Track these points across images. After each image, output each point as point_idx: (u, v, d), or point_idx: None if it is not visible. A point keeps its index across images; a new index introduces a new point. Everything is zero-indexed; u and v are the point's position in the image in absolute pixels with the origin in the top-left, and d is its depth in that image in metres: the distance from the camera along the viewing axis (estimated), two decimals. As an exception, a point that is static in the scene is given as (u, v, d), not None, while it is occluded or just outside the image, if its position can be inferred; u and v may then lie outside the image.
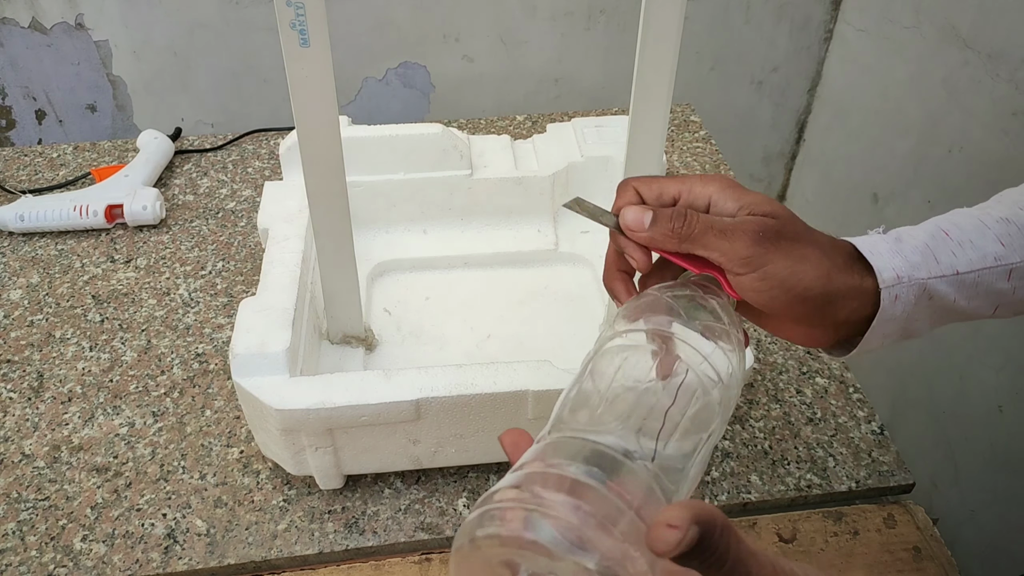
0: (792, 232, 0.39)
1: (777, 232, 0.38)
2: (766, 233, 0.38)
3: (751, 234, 0.38)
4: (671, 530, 0.27)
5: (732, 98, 1.21)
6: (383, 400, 0.52)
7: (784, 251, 0.38)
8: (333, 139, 0.53)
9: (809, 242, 0.39)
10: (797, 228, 0.39)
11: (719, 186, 0.40)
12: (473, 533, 0.29)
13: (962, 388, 0.99)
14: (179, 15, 1.01)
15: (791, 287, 0.38)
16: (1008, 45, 0.86)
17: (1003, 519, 0.98)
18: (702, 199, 0.40)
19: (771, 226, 0.38)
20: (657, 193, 0.41)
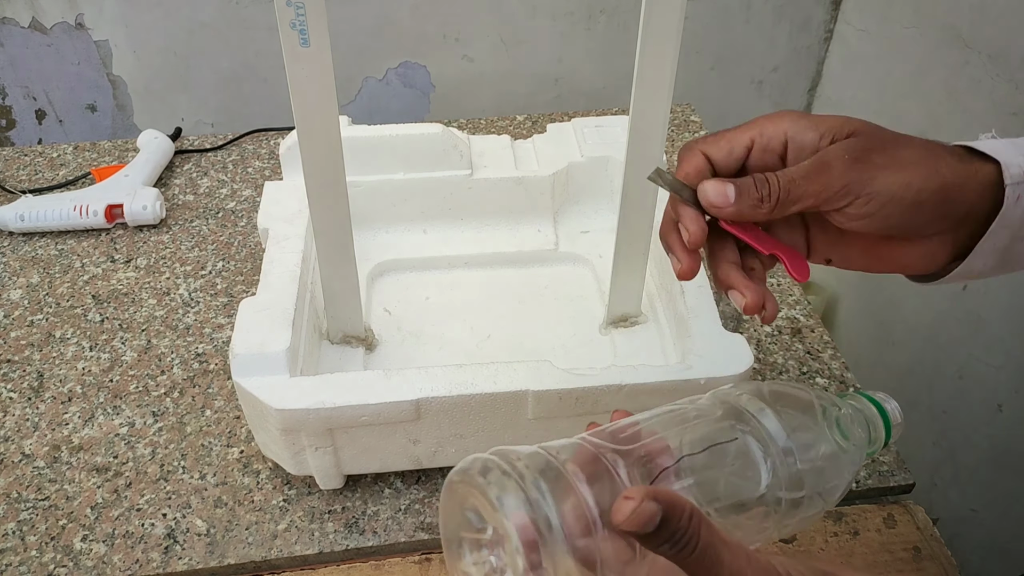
0: (881, 142, 0.36)
1: (865, 149, 0.36)
2: (854, 154, 0.36)
3: (840, 161, 0.36)
4: (627, 500, 0.28)
5: (732, 98, 1.21)
6: (383, 400, 0.52)
7: (881, 165, 0.36)
8: (333, 139, 0.53)
9: (905, 144, 0.37)
10: (885, 137, 0.37)
11: (791, 120, 0.38)
12: (456, 471, 0.32)
13: (962, 388, 0.99)
14: (179, 15, 1.01)
15: (902, 197, 0.36)
16: (1008, 45, 0.86)
17: (1003, 519, 0.98)
18: (777, 140, 0.38)
19: (857, 145, 0.36)
20: (727, 150, 0.39)
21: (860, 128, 0.37)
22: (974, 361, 0.97)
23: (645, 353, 0.66)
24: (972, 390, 0.98)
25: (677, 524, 0.29)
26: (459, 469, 0.32)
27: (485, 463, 0.32)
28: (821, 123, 0.37)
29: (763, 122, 0.38)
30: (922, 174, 0.36)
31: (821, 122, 0.37)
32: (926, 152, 0.36)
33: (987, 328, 0.94)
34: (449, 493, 0.33)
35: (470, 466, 0.32)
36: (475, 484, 0.31)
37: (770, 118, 0.38)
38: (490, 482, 0.31)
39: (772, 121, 0.38)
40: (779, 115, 0.38)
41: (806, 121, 0.37)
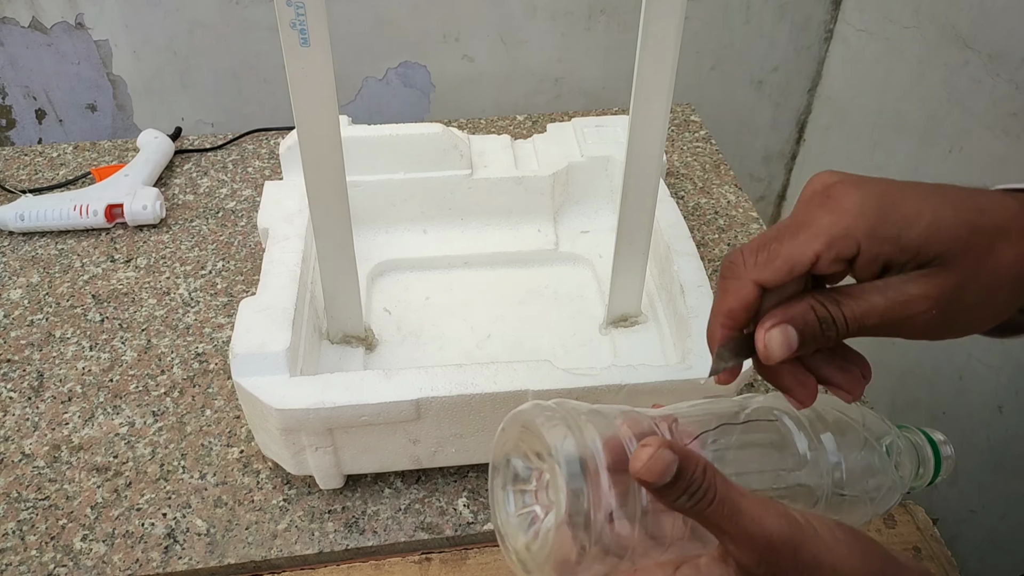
0: (974, 272, 0.31)
1: (957, 288, 0.31)
2: (942, 297, 0.31)
3: (923, 304, 0.31)
4: (643, 448, 0.29)
5: (732, 98, 1.21)
6: (383, 400, 0.52)
7: (972, 304, 0.32)
8: (333, 139, 0.53)
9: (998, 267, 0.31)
10: (978, 263, 0.31)
11: (866, 228, 0.31)
12: (518, 412, 0.34)
13: (962, 388, 0.99)
14: (179, 15, 1.01)
15: (988, 324, 0.33)
16: (1008, 45, 0.86)
17: (1003, 519, 0.98)
18: (848, 251, 0.31)
19: (947, 284, 0.31)
20: (786, 272, 0.32)
21: (950, 252, 0.31)
22: (974, 362, 0.97)
23: (645, 353, 0.66)
24: (972, 391, 0.98)
25: (692, 475, 0.29)
26: (521, 411, 0.34)
27: (548, 408, 0.33)
28: (904, 233, 0.31)
29: (830, 227, 0.31)
30: (1010, 305, 0.32)
31: (904, 231, 0.31)
32: (1021, 271, 0.31)
33: (987, 328, 0.93)
34: (504, 437, 0.35)
35: (532, 409, 0.33)
36: (535, 425, 0.32)
37: (839, 220, 0.31)
38: (551, 425, 0.32)
39: (842, 226, 0.31)
40: (850, 216, 0.31)
41: (885, 229, 0.31)
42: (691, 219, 0.86)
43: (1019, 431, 0.93)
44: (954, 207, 0.31)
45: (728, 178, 0.93)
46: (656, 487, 0.29)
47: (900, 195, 0.31)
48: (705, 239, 0.83)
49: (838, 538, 0.30)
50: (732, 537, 0.30)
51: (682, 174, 0.93)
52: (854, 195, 0.32)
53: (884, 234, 0.31)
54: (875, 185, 0.32)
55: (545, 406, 0.34)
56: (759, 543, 0.29)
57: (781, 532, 0.29)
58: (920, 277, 0.31)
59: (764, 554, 0.29)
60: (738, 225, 0.85)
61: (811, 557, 0.29)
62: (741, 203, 0.88)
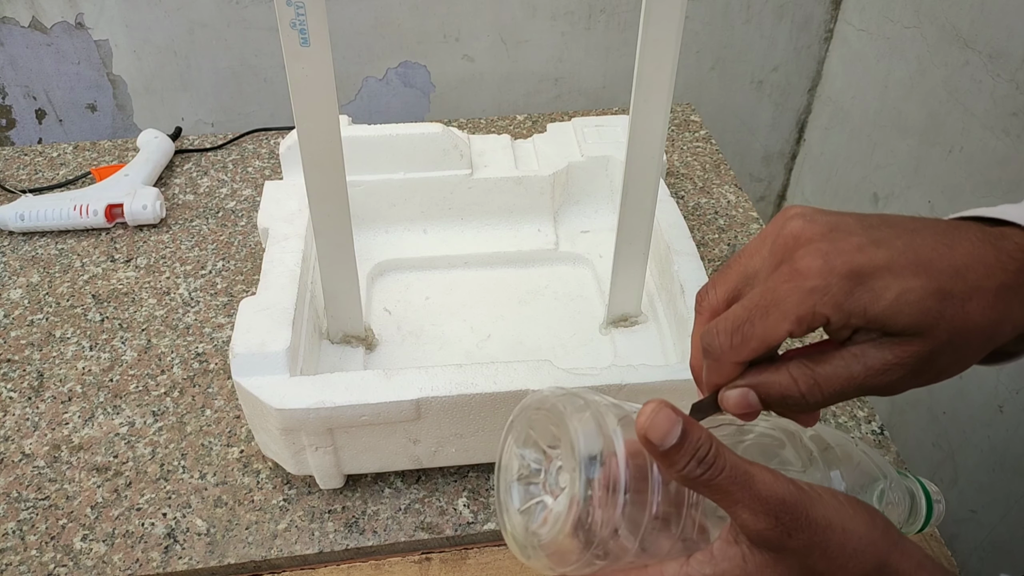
0: (950, 344, 0.31)
1: (932, 355, 0.31)
2: (917, 368, 0.31)
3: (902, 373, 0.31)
4: (648, 405, 0.30)
5: (732, 98, 1.21)
6: (383, 400, 0.52)
7: (947, 365, 0.31)
8: (333, 139, 0.53)
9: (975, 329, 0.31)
10: (955, 334, 0.31)
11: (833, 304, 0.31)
12: (540, 397, 0.34)
13: (962, 388, 0.99)
14: (179, 14, 1.01)
15: (949, 374, 0.32)
16: (1008, 45, 0.86)
17: (1003, 520, 0.98)
18: (818, 322, 0.31)
19: (921, 353, 0.31)
20: (763, 348, 0.32)
21: (920, 324, 0.30)
22: (974, 361, 0.97)
23: (645, 353, 0.66)
24: (972, 391, 0.98)
25: (698, 440, 0.29)
26: (546, 395, 0.34)
27: (569, 392, 0.34)
28: (870, 308, 0.30)
29: (798, 306, 0.31)
30: (982, 355, 0.32)
31: (870, 306, 0.30)
32: (997, 315, 0.31)
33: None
34: (520, 424, 0.35)
35: (558, 394, 0.34)
36: (558, 410, 0.33)
37: (807, 299, 0.31)
38: (574, 410, 0.33)
39: (810, 305, 0.31)
40: (817, 294, 0.31)
41: (850, 305, 0.31)
42: (691, 219, 0.86)
43: (1019, 431, 0.93)
44: (925, 273, 0.30)
45: (728, 178, 0.93)
46: (662, 450, 0.29)
47: (870, 263, 0.31)
48: (705, 239, 0.83)
49: (843, 502, 0.31)
50: (745, 504, 0.30)
51: (682, 174, 0.93)
52: (820, 268, 0.31)
53: (851, 309, 0.30)
54: (844, 251, 0.31)
55: (573, 393, 0.34)
56: (772, 504, 0.29)
57: (792, 494, 0.30)
58: (893, 345, 0.31)
59: (779, 515, 0.29)
60: (738, 225, 0.85)
61: (822, 516, 0.30)
62: (741, 203, 0.88)
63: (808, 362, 0.32)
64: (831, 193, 1.22)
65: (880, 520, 0.32)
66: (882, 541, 0.31)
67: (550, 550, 0.32)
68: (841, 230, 0.32)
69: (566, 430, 0.32)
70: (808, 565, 0.30)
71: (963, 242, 0.32)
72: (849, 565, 0.30)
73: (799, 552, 0.30)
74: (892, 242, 0.31)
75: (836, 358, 0.32)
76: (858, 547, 0.30)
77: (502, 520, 0.35)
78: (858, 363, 0.31)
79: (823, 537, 0.30)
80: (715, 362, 0.34)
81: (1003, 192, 0.89)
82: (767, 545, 0.30)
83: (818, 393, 0.32)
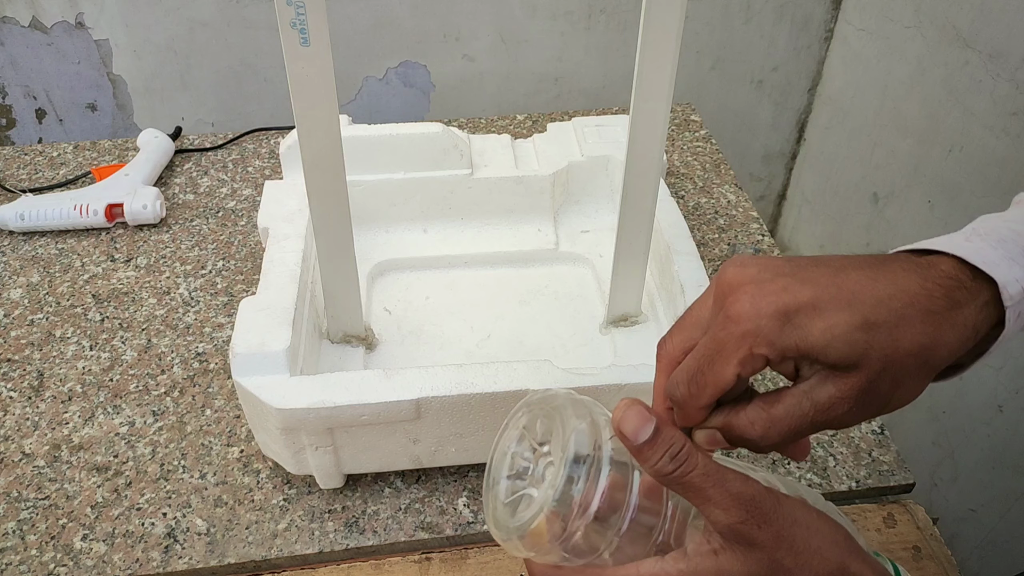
0: (887, 376, 0.32)
1: (871, 385, 0.32)
2: (860, 400, 0.32)
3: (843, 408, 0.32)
4: (623, 401, 0.32)
5: (732, 97, 1.21)
6: (383, 399, 0.52)
7: (886, 393, 0.32)
8: (333, 138, 0.53)
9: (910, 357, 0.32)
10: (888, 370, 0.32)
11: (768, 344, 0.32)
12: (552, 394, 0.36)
13: (962, 388, 0.99)
14: (179, 14, 1.01)
15: (899, 403, 0.34)
16: (1008, 45, 0.86)
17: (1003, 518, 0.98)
18: (759, 363, 0.33)
19: (859, 385, 0.32)
20: (718, 393, 0.34)
21: (851, 355, 0.32)
22: (974, 361, 0.97)
23: (645, 353, 0.66)
24: (972, 390, 0.98)
25: (672, 437, 0.32)
26: (555, 393, 0.36)
27: (577, 398, 0.36)
28: (801, 343, 0.32)
29: (737, 349, 0.32)
30: (925, 381, 0.34)
31: (800, 341, 0.32)
32: (927, 339, 0.32)
33: (987, 328, 0.93)
34: (520, 417, 0.37)
35: (565, 396, 0.36)
36: (561, 409, 0.35)
37: (743, 342, 0.32)
38: (575, 413, 0.35)
39: (747, 347, 0.32)
40: (751, 337, 0.32)
41: (783, 341, 0.32)
42: (691, 219, 0.86)
43: (1019, 430, 0.93)
44: (849, 306, 0.32)
45: (728, 178, 0.93)
46: (636, 444, 0.32)
47: (795, 301, 0.32)
48: (705, 239, 0.83)
49: (808, 506, 0.33)
50: (717, 501, 0.31)
51: (682, 174, 0.93)
52: (750, 312, 0.32)
53: (783, 346, 0.32)
54: (771, 291, 0.33)
55: (580, 400, 0.36)
56: (744, 499, 0.31)
57: (761, 491, 0.32)
58: (834, 378, 0.32)
59: (749, 508, 0.31)
60: (738, 225, 0.85)
61: (789, 513, 0.32)
62: (741, 202, 0.88)
63: (764, 404, 0.34)
64: (831, 193, 1.22)
65: (842, 530, 0.33)
66: (844, 545, 0.33)
67: (525, 535, 0.33)
68: (769, 272, 0.33)
69: (563, 429, 0.34)
70: (776, 559, 0.31)
71: (887, 274, 0.33)
72: (813, 562, 0.32)
73: (768, 546, 0.31)
74: (817, 280, 0.33)
75: (788, 397, 0.33)
76: (822, 545, 0.32)
77: (487, 501, 0.37)
78: (807, 400, 0.33)
79: (790, 532, 0.32)
80: (681, 409, 0.36)
81: (1003, 191, 0.89)
82: (738, 539, 0.32)
83: (774, 433, 0.33)
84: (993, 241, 0.35)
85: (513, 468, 0.37)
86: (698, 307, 0.37)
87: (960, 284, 0.33)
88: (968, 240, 0.35)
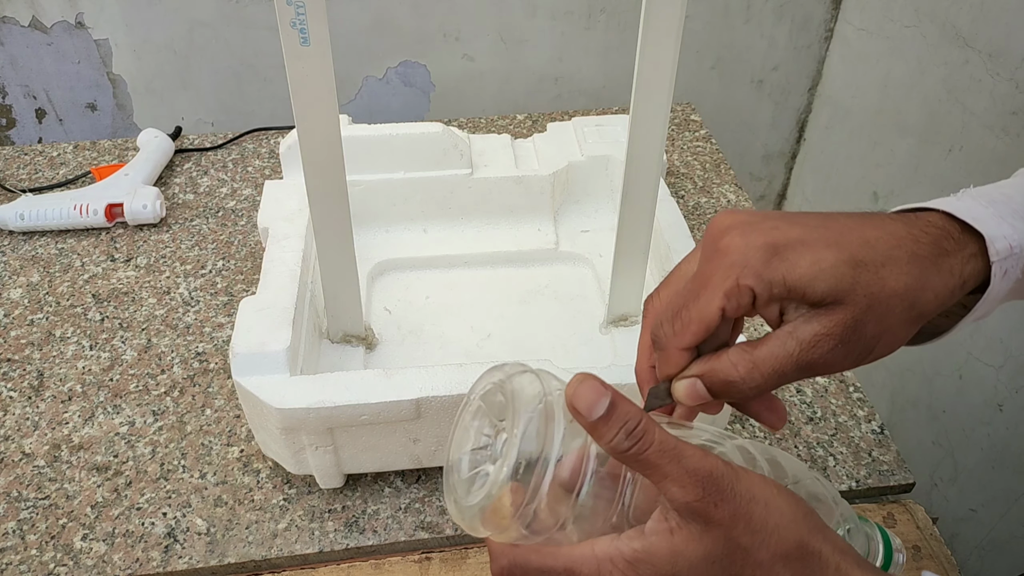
0: (873, 315, 0.32)
1: (857, 323, 0.32)
2: (845, 339, 0.32)
3: (828, 346, 0.32)
4: (577, 375, 0.31)
5: (732, 97, 1.21)
6: (383, 399, 0.52)
7: (873, 336, 0.33)
8: (333, 138, 0.53)
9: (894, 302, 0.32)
10: (873, 310, 0.32)
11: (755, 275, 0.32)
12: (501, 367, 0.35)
13: (962, 387, 0.99)
14: (179, 14, 1.01)
15: (885, 349, 0.34)
16: (1008, 44, 0.86)
17: (1003, 518, 0.98)
18: (744, 297, 0.33)
19: (848, 322, 0.32)
20: (704, 330, 0.34)
21: (837, 289, 0.32)
22: (974, 361, 0.97)
23: (645, 352, 0.66)
24: (972, 390, 0.98)
25: (627, 413, 0.31)
26: (507, 373, 0.35)
27: (532, 370, 0.35)
28: (788, 276, 0.32)
29: (724, 281, 0.33)
30: (912, 327, 0.34)
31: (788, 273, 0.32)
32: (913, 280, 0.32)
33: (987, 328, 0.94)
34: (476, 396, 0.36)
35: (515, 368, 0.35)
36: (513, 386, 0.34)
37: (730, 273, 0.33)
38: (531, 392, 0.34)
39: (733, 279, 0.33)
40: (738, 268, 0.33)
41: (770, 274, 0.32)
42: (691, 219, 0.86)
43: (1019, 429, 0.93)
44: (836, 244, 0.32)
45: (728, 177, 0.93)
46: (590, 421, 0.31)
47: (784, 237, 0.33)
48: (705, 238, 0.83)
49: (768, 483, 0.32)
50: (674, 478, 0.31)
51: (682, 173, 0.93)
52: (739, 245, 0.33)
53: (770, 278, 0.32)
54: (761, 229, 0.33)
55: (535, 371, 0.35)
56: (701, 476, 0.30)
57: (719, 467, 0.31)
58: (819, 315, 0.32)
59: (706, 486, 0.30)
60: (738, 224, 0.85)
61: (746, 490, 0.31)
62: (741, 202, 0.88)
63: (747, 346, 0.34)
64: (831, 192, 1.22)
65: (804, 506, 0.33)
66: (804, 522, 0.32)
67: (484, 514, 0.33)
68: (759, 216, 0.34)
69: (515, 404, 0.33)
70: (732, 538, 0.31)
71: (875, 220, 0.34)
72: (771, 541, 0.31)
73: (724, 524, 0.31)
74: (806, 222, 0.34)
75: (772, 338, 0.33)
76: (780, 522, 0.31)
77: (447, 479, 0.36)
78: (791, 339, 0.33)
79: (747, 509, 0.31)
80: (663, 352, 0.35)
81: (1003, 191, 0.89)
82: (694, 516, 0.31)
83: (757, 375, 0.33)
84: (984, 201, 0.36)
85: (474, 444, 0.36)
86: (686, 262, 0.37)
87: (947, 234, 0.34)
88: (959, 199, 0.36)
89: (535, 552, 0.33)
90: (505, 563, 0.34)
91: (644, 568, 0.31)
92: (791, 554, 0.31)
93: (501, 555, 0.34)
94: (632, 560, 0.31)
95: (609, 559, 0.32)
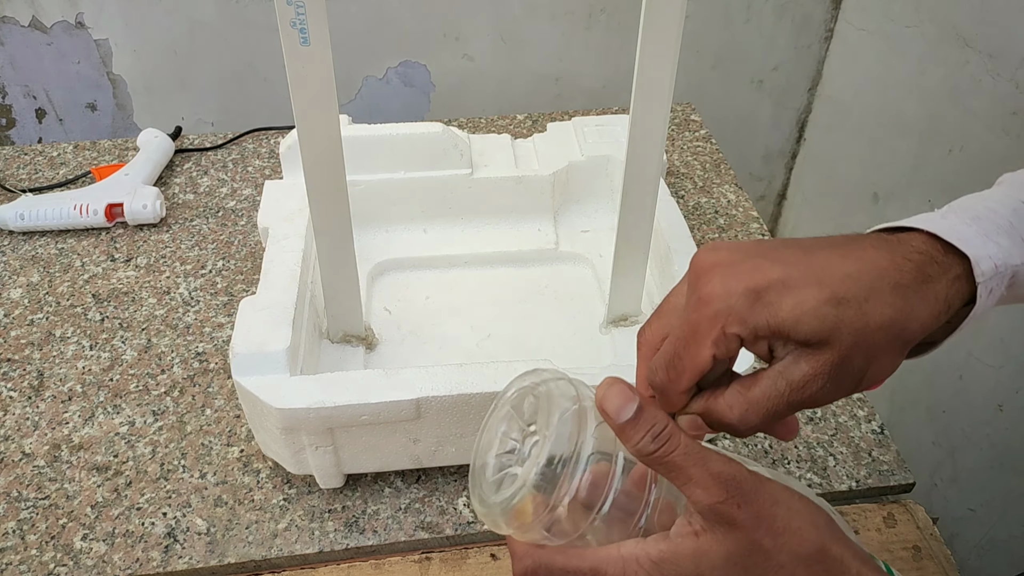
0: (859, 350, 0.32)
1: (845, 359, 0.32)
2: (834, 373, 0.32)
3: (819, 382, 0.32)
4: (607, 379, 0.33)
5: (732, 97, 1.21)
6: (383, 399, 0.52)
7: (860, 368, 0.32)
8: (333, 138, 0.53)
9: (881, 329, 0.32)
10: (859, 344, 0.32)
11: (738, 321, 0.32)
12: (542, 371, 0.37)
13: (962, 387, 0.99)
14: (179, 14, 1.01)
15: (875, 379, 0.34)
16: (1008, 45, 0.86)
17: (1003, 518, 0.99)
18: (733, 343, 0.33)
19: (837, 357, 0.32)
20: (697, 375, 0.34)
21: (821, 330, 0.31)
22: (974, 361, 0.97)
23: (645, 352, 0.66)
24: (972, 390, 0.98)
25: (655, 417, 0.32)
26: (541, 377, 0.36)
27: (567, 378, 0.36)
28: (771, 320, 0.32)
29: (710, 329, 0.33)
30: (899, 356, 0.34)
31: (771, 318, 0.32)
32: (898, 313, 0.32)
33: (987, 328, 0.94)
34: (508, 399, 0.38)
35: (552, 374, 0.36)
36: (549, 390, 0.35)
37: (715, 321, 0.32)
38: (565, 395, 0.35)
39: (719, 327, 0.32)
40: (722, 316, 0.32)
41: (754, 319, 0.32)
42: (691, 218, 0.86)
43: (1019, 429, 0.93)
44: (818, 282, 0.32)
45: (728, 177, 0.93)
46: (618, 423, 0.32)
47: (766, 280, 0.32)
48: (705, 238, 0.83)
49: (790, 489, 0.33)
50: (698, 481, 0.31)
51: (682, 173, 0.93)
52: (721, 292, 0.33)
53: (755, 324, 0.32)
54: (742, 271, 0.33)
55: (567, 378, 0.36)
56: (724, 479, 0.31)
57: (742, 471, 0.32)
58: (807, 355, 0.32)
59: (730, 488, 0.31)
60: (738, 224, 0.85)
61: (769, 494, 0.32)
62: (741, 202, 0.88)
63: (741, 387, 0.34)
64: (831, 192, 1.22)
65: (824, 514, 0.33)
66: (825, 528, 0.33)
67: (509, 513, 0.33)
68: (740, 254, 0.34)
69: (549, 408, 0.34)
70: (755, 540, 0.31)
71: (857, 251, 0.33)
72: (792, 543, 0.31)
73: (747, 526, 0.31)
74: (787, 259, 0.33)
75: (764, 379, 0.33)
76: (802, 527, 0.32)
77: (473, 478, 0.37)
78: (782, 380, 0.33)
79: (770, 512, 0.31)
80: (662, 396, 0.36)
81: (1003, 191, 0.89)
82: (718, 519, 0.32)
83: (752, 416, 0.33)
84: (968, 218, 0.35)
85: (501, 447, 0.37)
86: (675, 295, 0.37)
87: (931, 259, 0.34)
88: (943, 217, 0.36)
89: (560, 553, 0.34)
90: (529, 563, 0.35)
91: (668, 568, 0.32)
92: (812, 558, 0.32)
93: (525, 556, 0.35)
94: (657, 560, 0.32)
95: (635, 559, 0.33)
